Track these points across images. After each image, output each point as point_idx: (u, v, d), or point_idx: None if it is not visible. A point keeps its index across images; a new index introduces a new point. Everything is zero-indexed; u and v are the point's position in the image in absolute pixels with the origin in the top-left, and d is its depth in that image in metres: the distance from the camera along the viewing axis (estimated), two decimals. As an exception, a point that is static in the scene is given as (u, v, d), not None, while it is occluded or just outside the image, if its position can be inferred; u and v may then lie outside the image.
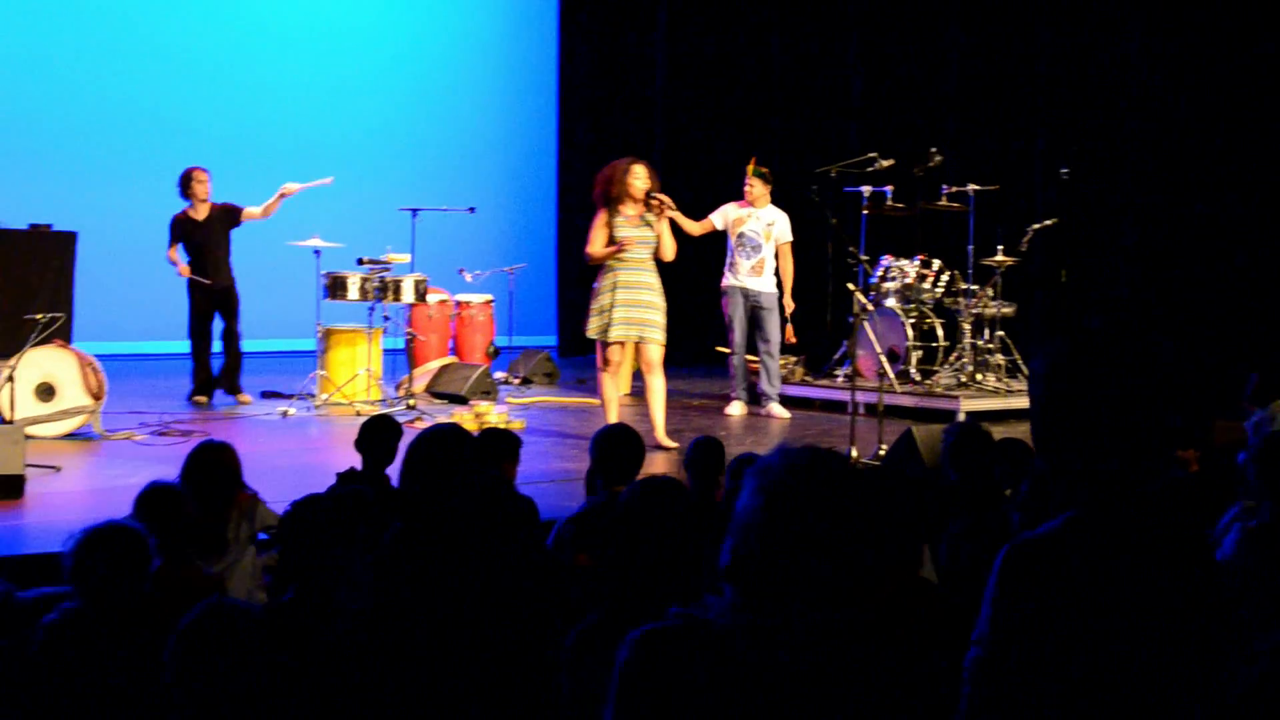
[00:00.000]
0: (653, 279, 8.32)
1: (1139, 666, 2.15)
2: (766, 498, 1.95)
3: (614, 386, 8.39)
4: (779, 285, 10.50)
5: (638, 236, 8.23)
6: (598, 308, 8.26)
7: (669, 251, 8.36)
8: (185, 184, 10.25)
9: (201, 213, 10.24)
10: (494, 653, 2.83)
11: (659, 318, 8.31)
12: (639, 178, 8.20)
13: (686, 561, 2.76)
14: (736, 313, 10.32)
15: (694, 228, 10.22)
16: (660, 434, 8.34)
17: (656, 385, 8.39)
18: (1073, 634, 2.15)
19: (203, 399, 10.19)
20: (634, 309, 8.22)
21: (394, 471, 5.29)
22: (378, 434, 5.34)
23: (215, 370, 10.37)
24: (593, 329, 8.29)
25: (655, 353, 8.33)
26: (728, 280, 10.37)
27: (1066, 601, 2.16)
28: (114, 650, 3.26)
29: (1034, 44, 12.25)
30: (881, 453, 7.54)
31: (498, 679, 2.82)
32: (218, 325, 10.36)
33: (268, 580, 4.93)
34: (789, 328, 10.69)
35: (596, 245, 8.25)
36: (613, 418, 8.11)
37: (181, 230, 10.23)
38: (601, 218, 8.26)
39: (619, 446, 4.87)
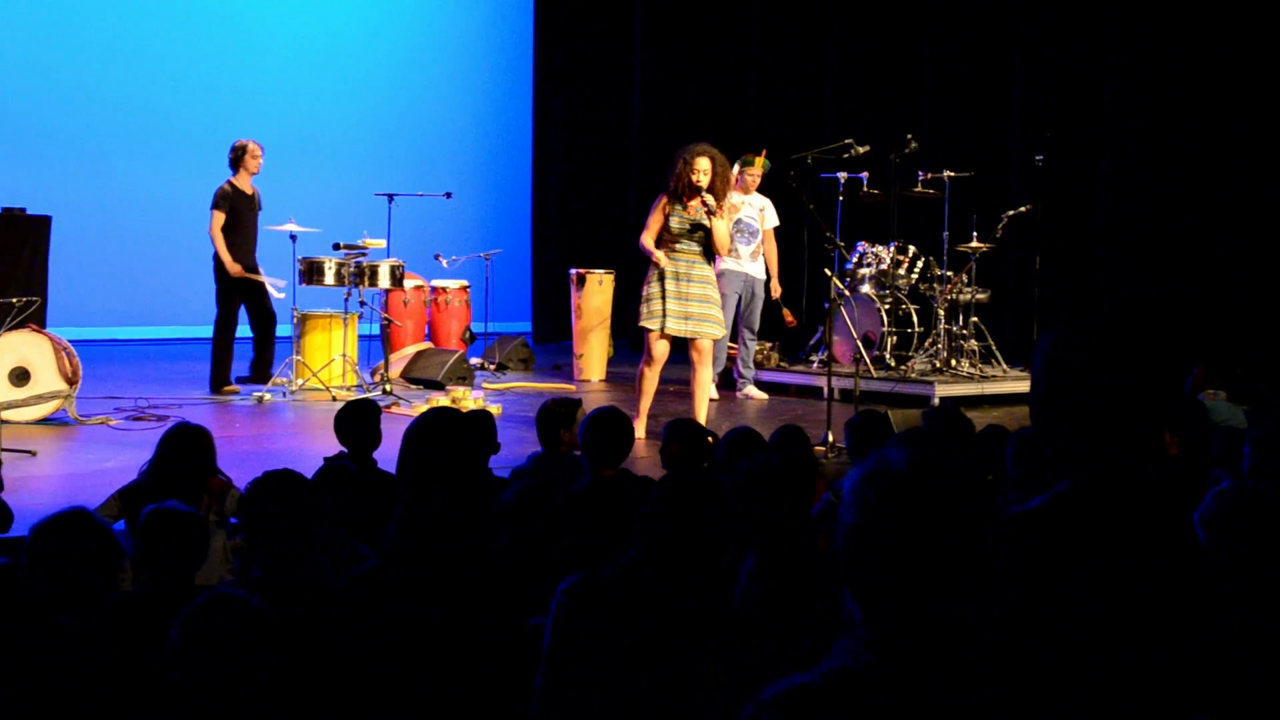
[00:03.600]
0: (706, 270, 8.06)
1: (1127, 638, 2.19)
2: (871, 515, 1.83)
3: (653, 381, 8.12)
4: (766, 270, 10.60)
5: (692, 228, 7.98)
6: (647, 297, 7.99)
7: (724, 246, 8.15)
8: (239, 156, 10.09)
9: (249, 188, 10.18)
10: (484, 633, 2.86)
11: (714, 311, 8.07)
12: (698, 171, 7.89)
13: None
14: (730, 298, 10.31)
15: None
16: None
17: (705, 378, 8.13)
18: (1062, 605, 2.18)
19: (234, 389, 10.00)
20: (688, 302, 7.95)
21: (380, 454, 5.30)
22: (355, 419, 5.29)
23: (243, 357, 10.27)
24: (647, 320, 7.98)
25: (707, 344, 8.10)
26: (727, 264, 10.25)
27: (1055, 573, 2.19)
28: (62, 644, 3.16)
29: (1009, 31, 12.29)
30: (829, 439, 7.52)
31: (487, 654, 2.85)
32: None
33: (238, 564, 4.93)
34: (786, 311, 10.78)
35: (650, 235, 7.98)
36: (644, 410, 8.01)
37: (229, 202, 9.98)
38: (661, 204, 7.98)
39: (609, 430, 4.81)
